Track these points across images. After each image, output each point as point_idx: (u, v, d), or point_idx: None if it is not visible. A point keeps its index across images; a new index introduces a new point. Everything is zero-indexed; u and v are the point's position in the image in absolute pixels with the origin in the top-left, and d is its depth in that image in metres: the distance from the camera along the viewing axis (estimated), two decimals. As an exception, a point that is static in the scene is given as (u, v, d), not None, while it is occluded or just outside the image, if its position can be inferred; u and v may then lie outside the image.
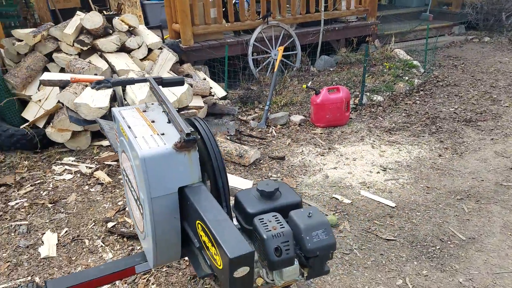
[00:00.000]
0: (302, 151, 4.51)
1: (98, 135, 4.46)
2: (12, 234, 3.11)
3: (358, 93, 5.94)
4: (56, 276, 2.70)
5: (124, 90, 3.28)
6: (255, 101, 5.76)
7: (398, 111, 5.50)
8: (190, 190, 1.81)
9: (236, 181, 3.54)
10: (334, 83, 6.41)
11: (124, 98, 3.14)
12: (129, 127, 1.96)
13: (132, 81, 2.23)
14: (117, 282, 2.63)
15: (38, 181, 3.86)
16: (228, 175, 3.65)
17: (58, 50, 4.71)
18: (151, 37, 5.18)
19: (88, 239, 3.09)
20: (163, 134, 1.88)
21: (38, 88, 4.35)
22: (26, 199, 3.57)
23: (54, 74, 3.71)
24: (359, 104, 5.66)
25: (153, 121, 2.02)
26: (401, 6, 10.60)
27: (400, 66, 6.85)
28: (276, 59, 5.72)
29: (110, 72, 4.52)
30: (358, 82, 6.33)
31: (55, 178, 3.91)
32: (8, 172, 3.98)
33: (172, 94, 3.07)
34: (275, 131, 5.02)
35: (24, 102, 4.47)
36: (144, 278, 2.70)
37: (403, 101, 5.79)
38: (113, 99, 3.43)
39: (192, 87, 4.06)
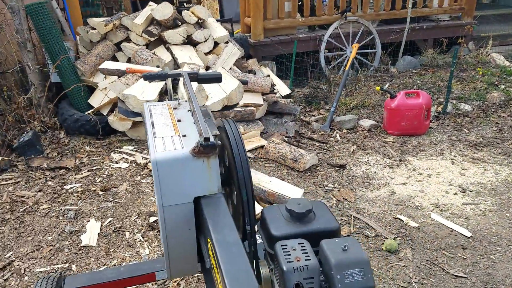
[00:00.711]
0: (368, 160, 4.06)
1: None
2: (61, 218, 3.16)
3: (442, 100, 5.27)
4: (91, 266, 2.66)
5: (176, 85, 3.17)
6: (321, 101, 5.38)
7: (489, 124, 4.75)
8: (206, 202, 1.58)
9: (285, 188, 3.25)
10: (415, 86, 5.78)
11: (176, 93, 3.03)
12: (152, 125, 1.79)
13: (166, 76, 2.06)
14: (149, 284, 2.51)
15: (95, 167, 3.93)
16: (277, 181, 3.39)
17: (128, 39, 4.79)
18: (219, 31, 5.07)
19: (129, 231, 3.03)
20: (184, 136, 1.67)
21: (105, 76, 4.45)
22: (80, 184, 3.64)
23: (113, 63, 3.73)
24: (442, 112, 5.00)
25: (179, 120, 1.83)
26: (504, 6, 9.35)
27: (496, 73, 5.98)
28: (350, 57, 5.29)
29: (173, 65, 4.48)
30: (444, 87, 5.63)
31: (111, 166, 3.96)
32: (70, 155, 4.12)
33: (222, 90, 2.89)
34: (340, 136, 4.62)
35: (91, 89, 4.61)
36: (175, 282, 2.55)
37: (495, 113, 5.00)
38: (166, 92, 3.35)
39: (247, 84, 3.85)
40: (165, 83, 3.45)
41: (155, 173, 1.51)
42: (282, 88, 5.38)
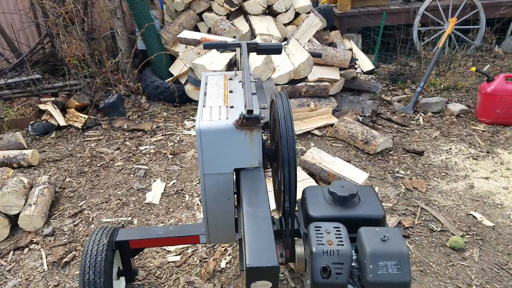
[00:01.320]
0: (450, 149, 3.67)
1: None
2: (132, 175, 3.40)
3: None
4: (151, 222, 2.84)
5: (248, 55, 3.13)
6: (408, 80, 4.96)
7: None
8: (245, 174, 1.56)
9: (348, 170, 3.08)
10: (521, 70, 5.04)
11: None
12: (205, 94, 1.80)
13: (225, 45, 2.03)
14: (198, 244, 2.61)
15: (169, 132, 4.14)
16: (341, 162, 3.23)
17: (210, 9, 4.86)
18: (301, 1, 4.88)
19: (189, 194, 3.15)
20: (232, 107, 1.65)
21: (186, 46, 4.59)
22: (154, 147, 3.87)
23: (190, 33, 3.81)
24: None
25: (231, 91, 1.80)
26: None
27: None
28: (445, 32, 4.76)
29: (250, 35, 4.45)
30: (559, 71, 4.83)
31: (183, 132, 4.13)
32: (148, 119, 4.38)
33: (290, 63, 2.77)
34: (423, 119, 4.23)
35: (173, 58, 4.80)
36: (223, 247, 2.61)
37: None
38: (235, 63, 3.33)
39: (320, 57, 3.66)
40: (235, 54, 3.44)
41: (198, 141, 1.52)
42: (365, 63, 5.06)
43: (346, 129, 3.79)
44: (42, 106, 4.42)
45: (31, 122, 4.17)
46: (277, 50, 1.98)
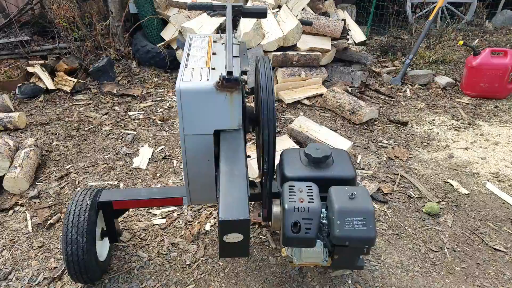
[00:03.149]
0: (433, 120, 3.76)
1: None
2: (119, 140, 3.45)
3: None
4: (137, 186, 2.91)
5: (238, 21, 3.12)
6: (398, 52, 4.98)
7: None
8: (224, 135, 1.61)
9: (333, 138, 3.16)
10: (509, 46, 5.07)
11: (236, 30, 2.99)
12: (188, 56, 1.82)
13: (211, 7, 2.04)
14: (184, 207, 2.69)
15: (159, 98, 4.15)
16: (327, 130, 3.30)
17: (201, -26, 4.77)
18: (295, -32, 4.80)
19: (177, 160, 3.22)
20: (214, 69, 1.68)
21: (178, 10, 4.53)
22: (143, 112, 3.89)
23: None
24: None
25: (214, 53, 1.83)
26: None
27: None
28: (436, 6, 4.74)
29: (244, 1, 4.39)
30: (547, 47, 4.87)
31: (173, 99, 4.15)
32: (138, 85, 4.38)
33: (280, 30, 2.78)
34: (410, 91, 4.29)
35: (165, 22, 4.75)
36: (209, 211, 2.70)
37: None
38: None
39: (311, 25, 3.65)
40: (225, 19, 3.42)
41: (179, 101, 1.56)
42: (358, 35, 5.05)
43: (334, 99, 3.85)
44: (30, 69, 4.39)
45: (19, 85, 4.15)
46: (262, 13, 2.00)
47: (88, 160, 3.18)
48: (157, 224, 2.54)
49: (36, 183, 2.95)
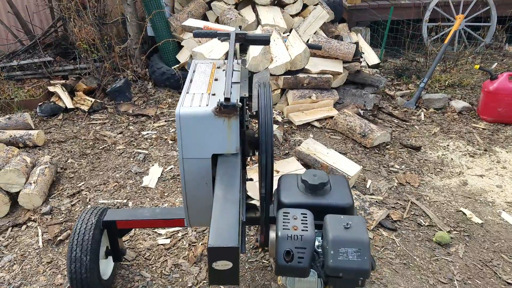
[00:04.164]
0: (448, 145, 3.68)
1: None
2: (131, 159, 3.51)
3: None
4: (145, 205, 2.95)
5: (247, 46, 3.19)
6: (413, 75, 4.94)
7: None
8: (221, 160, 1.63)
9: (341, 162, 3.13)
10: (530, 69, 4.97)
11: (245, 53, 3.05)
12: (190, 81, 1.86)
13: (215, 34, 2.09)
14: (188, 228, 2.70)
15: (172, 118, 4.23)
16: (335, 154, 3.28)
17: (218, -2, 4.90)
18: (310, -8, 4.88)
19: (186, 181, 3.24)
20: (214, 94, 1.71)
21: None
22: (156, 132, 3.96)
23: (195, 21, 3.87)
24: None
25: (216, 79, 1.86)
26: None
27: None
28: (451, 29, 4.71)
29: (256, 25, 4.48)
30: None
31: (186, 119, 4.21)
32: (153, 105, 4.47)
33: (287, 54, 2.81)
34: (424, 115, 4.23)
35: (181, 45, 4.87)
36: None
37: None
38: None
39: (320, 49, 3.68)
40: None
41: (178, 126, 1.59)
42: (371, 57, 5.05)
43: (345, 121, 3.83)
44: (51, 88, 4.55)
45: (39, 104, 4.31)
46: (264, 41, 2.03)
47: (100, 178, 3.25)
48: (161, 244, 2.55)
49: (49, 200, 3.03)
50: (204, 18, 4.95)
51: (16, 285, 2.32)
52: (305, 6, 4.89)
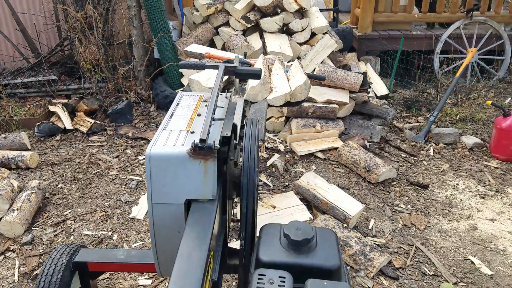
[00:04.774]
0: (457, 184, 3.48)
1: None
2: (123, 186, 3.37)
3: None
4: (130, 239, 2.79)
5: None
6: (423, 108, 4.77)
7: None
8: (195, 207, 1.47)
9: (342, 199, 2.95)
10: (546, 105, 4.77)
11: (245, 82, 2.94)
12: (171, 116, 1.72)
13: (203, 67, 1.97)
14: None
15: (171, 143, 4.11)
16: (336, 190, 3.10)
17: (227, 24, 4.84)
18: (319, 21, 4.80)
19: (178, 212, 3.09)
20: (192, 132, 1.56)
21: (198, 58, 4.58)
22: (153, 157, 3.84)
23: (197, 47, 3.79)
24: None
25: (199, 115, 1.72)
26: None
27: None
28: (464, 62, 4.56)
29: (262, 52, 4.39)
30: None
31: (185, 144, 4.09)
32: (154, 128, 4.37)
33: (287, 85, 2.69)
34: (434, 150, 4.04)
35: (185, 68, 4.80)
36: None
37: None
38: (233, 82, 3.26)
39: (324, 80, 3.55)
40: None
41: (147, 167, 1.43)
42: (380, 88, 4.91)
43: (349, 154, 3.66)
44: (51, 108, 4.49)
45: (38, 124, 4.24)
46: (255, 75, 1.91)
47: (88, 206, 3.11)
48: (142, 285, 2.38)
49: (32, 228, 2.89)
50: (212, 42, 4.90)
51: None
52: (313, 34, 4.81)
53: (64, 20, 4.77)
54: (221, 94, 1.92)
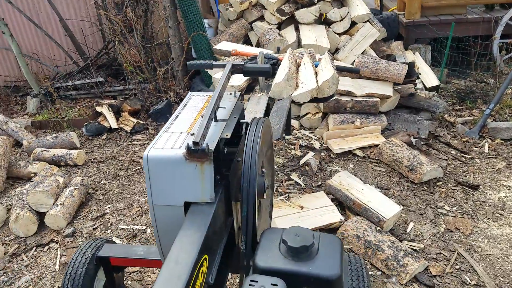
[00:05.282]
0: (513, 184, 3.13)
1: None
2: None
3: None
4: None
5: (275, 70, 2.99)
6: (479, 100, 4.36)
7: None
8: (192, 210, 1.44)
9: (377, 201, 2.75)
10: None
11: (272, 79, 2.84)
12: (176, 117, 1.70)
13: (210, 65, 1.92)
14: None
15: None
16: (371, 190, 2.91)
17: (262, 18, 4.76)
18: (359, 9, 4.55)
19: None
20: (193, 134, 1.52)
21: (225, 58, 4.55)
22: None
23: (227, 44, 3.77)
24: None
25: (202, 116, 1.68)
26: None
27: None
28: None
29: (296, 46, 4.26)
30: None
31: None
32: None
33: (314, 80, 2.55)
34: (489, 147, 3.67)
35: (223, 66, 4.79)
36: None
37: None
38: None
39: (358, 73, 3.33)
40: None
41: (146, 169, 1.44)
42: (429, 78, 4.56)
43: (391, 152, 3.43)
44: (98, 109, 4.71)
45: (86, 123, 4.46)
46: (264, 73, 1.83)
47: (126, 202, 3.22)
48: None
49: (74, 221, 3.05)
50: (246, 38, 4.84)
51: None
52: (353, 23, 4.58)
53: (107, 24, 4.96)
54: (230, 94, 1.86)
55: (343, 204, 2.94)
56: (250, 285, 1.21)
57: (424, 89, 4.43)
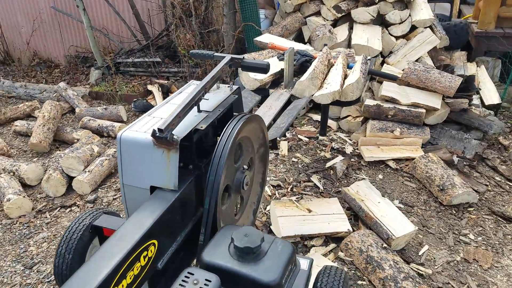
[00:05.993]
0: (559, 224, 2.77)
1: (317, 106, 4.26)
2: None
3: None
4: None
5: (307, 66, 2.91)
6: (544, 126, 3.90)
7: None
8: (155, 194, 1.48)
9: (391, 217, 2.59)
10: None
11: (301, 76, 2.77)
12: (166, 102, 1.76)
13: (212, 57, 1.93)
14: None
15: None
16: (388, 205, 2.76)
17: (318, 13, 4.64)
18: (423, 13, 4.26)
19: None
20: None
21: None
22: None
23: (267, 37, 3.75)
24: None
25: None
26: None
27: None
28: None
29: (346, 45, 4.10)
30: None
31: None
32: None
33: (338, 83, 2.43)
34: (544, 177, 3.28)
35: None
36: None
37: None
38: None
39: (395, 80, 3.11)
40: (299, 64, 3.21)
41: (118, 149, 1.50)
42: (490, 95, 4.15)
43: (425, 167, 3.22)
44: (149, 87, 4.95)
45: (134, 100, 4.72)
46: (261, 69, 1.80)
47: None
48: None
49: (99, 189, 3.26)
50: (299, 32, 4.76)
51: (35, 262, 2.54)
52: (414, 28, 4.30)
53: (169, 7, 5.16)
54: (227, 86, 1.86)
55: (357, 214, 2.82)
56: (185, 276, 1.23)
57: (480, 106, 4.05)
